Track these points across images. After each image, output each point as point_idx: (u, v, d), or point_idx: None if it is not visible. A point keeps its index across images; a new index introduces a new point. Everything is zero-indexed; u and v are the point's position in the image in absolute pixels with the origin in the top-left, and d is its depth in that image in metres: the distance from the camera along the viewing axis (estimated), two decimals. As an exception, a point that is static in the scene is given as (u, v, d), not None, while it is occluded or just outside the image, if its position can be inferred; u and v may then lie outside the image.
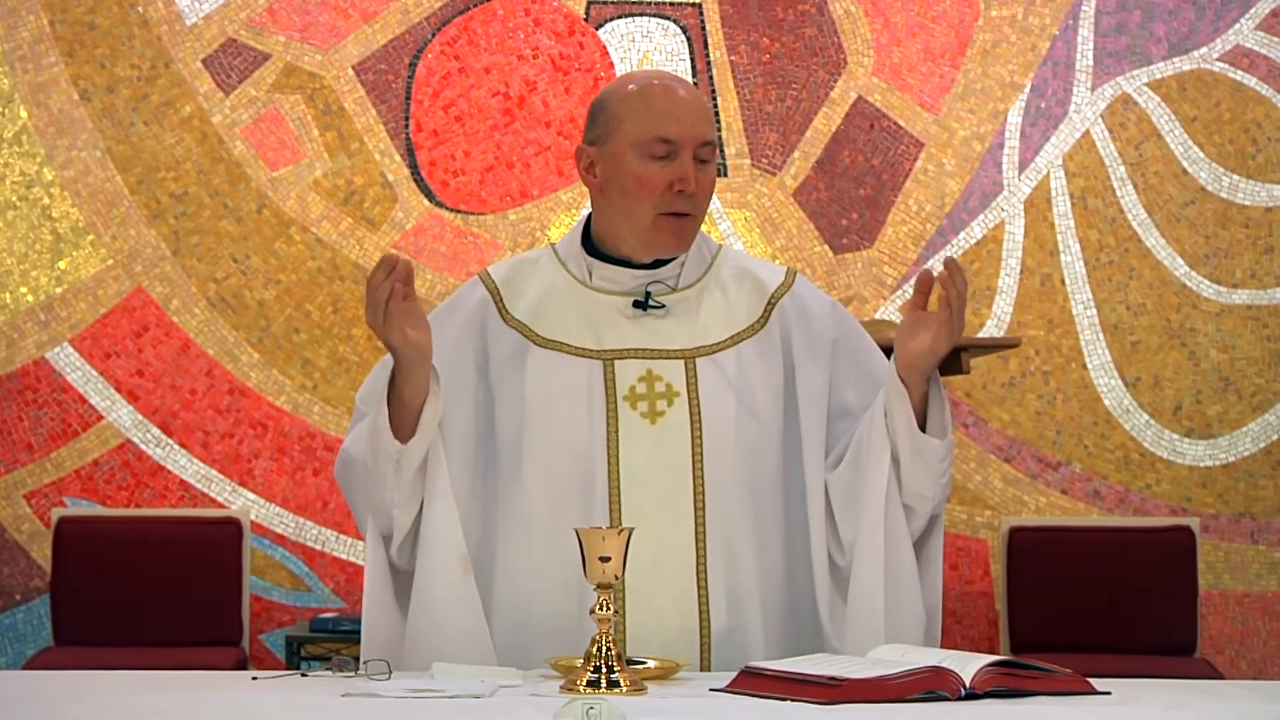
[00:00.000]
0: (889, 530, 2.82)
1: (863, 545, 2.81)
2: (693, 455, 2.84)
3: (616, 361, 2.87)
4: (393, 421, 2.79)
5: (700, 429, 2.84)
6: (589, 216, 2.97)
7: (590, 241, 2.94)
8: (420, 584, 2.80)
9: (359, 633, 5.90)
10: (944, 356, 2.79)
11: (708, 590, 2.81)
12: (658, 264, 2.91)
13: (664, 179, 2.84)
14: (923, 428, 2.81)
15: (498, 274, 2.97)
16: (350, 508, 2.96)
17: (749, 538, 2.84)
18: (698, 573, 2.82)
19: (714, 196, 6.44)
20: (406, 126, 6.13)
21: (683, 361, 2.88)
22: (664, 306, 2.90)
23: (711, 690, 2.45)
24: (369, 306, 2.73)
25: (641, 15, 6.21)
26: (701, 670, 2.77)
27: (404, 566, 2.86)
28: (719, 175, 6.12)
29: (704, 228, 2.99)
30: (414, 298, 2.76)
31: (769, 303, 2.93)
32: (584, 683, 2.43)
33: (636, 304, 2.89)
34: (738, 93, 6.19)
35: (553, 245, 3.01)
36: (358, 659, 2.58)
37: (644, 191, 2.84)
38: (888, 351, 4.82)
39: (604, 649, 2.45)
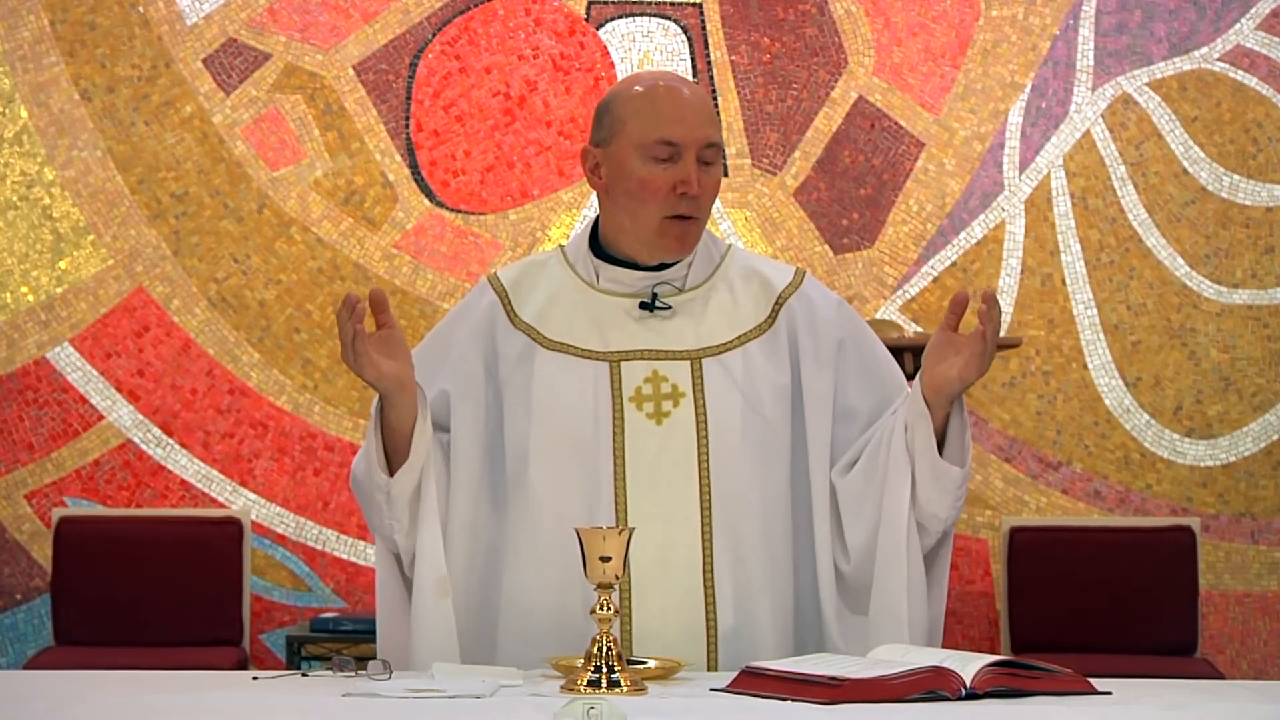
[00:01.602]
0: (907, 547, 2.81)
1: (886, 562, 2.80)
2: (698, 455, 2.84)
3: (623, 363, 2.87)
4: (388, 446, 2.81)
5: (706, 429, 2.85)
6: (597, 218, 2.97)
7: (598, 243, 2.95)
8: (413, 604, 2.84)
9: (360, 633, 5.94)
10: (971, 385, 2.78)
11: (714, 589, 2.82)
12: (664, 265, 2.91)
13: (667, 182, 2.83)
14: (941, 448, 2.80)
15: (506, 277, 2.98)
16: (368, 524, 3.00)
17: (755, 537, 2.84)
18: (704, 572, 2.82)
19: (714, 196, 6.38)
20: (407, 126, 6.13)
21: (689, 362, 2.88)
22: (670, 308, 2.90)
23: (712, 690, 2.45)
24: (341, 346, 2.76)
25: (642, 15, 6.21)
26: (708, 669, 2.78)
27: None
28: (719, 175, 6.11)
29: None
30: (390, 325, 2.78)
31: (776, 303, 2.93)
32: (584, 683, 2.43)
33: (643, 305, 2.90)
34: (738, 93, 6.19)
35: (562, 247, 3.01)
36: (358, 659, 2.58)
37: (647, 194, 2.84)
38: (891, 351, 4.82)
39: (604, 649, 2.45)
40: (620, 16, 6.21)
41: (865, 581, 2.83)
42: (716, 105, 6.16)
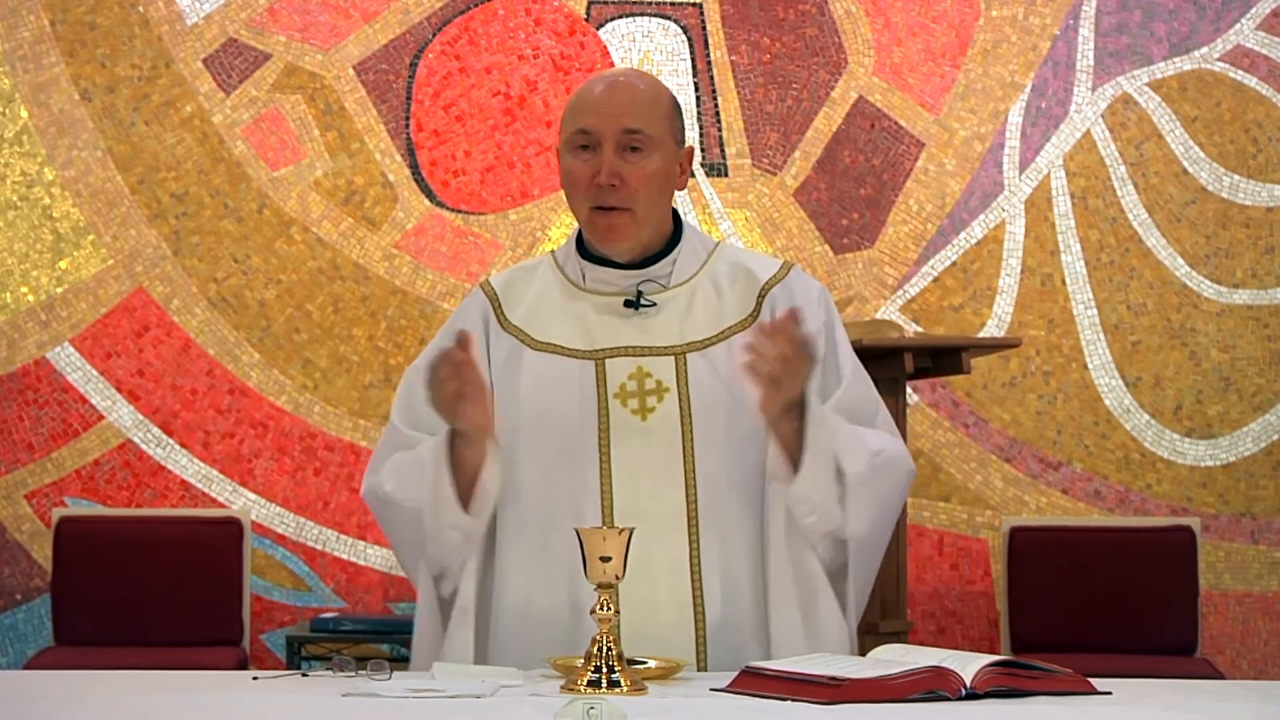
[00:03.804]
0: (791, 554, 2.82)
1: (774, 586, 2.83)
2: (683, 449, 2.85)
3: (607, 360, 2.89)
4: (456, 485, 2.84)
5: (690, 423, 2.86)
6: None
7: (585, 244, 2.96)
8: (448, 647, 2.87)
9: (360, 633, 5.94)
10: (781, 406, 2.74)
11: (701, 583, 2.83)
12: (648, 263, 2.93)
13: (587, 173, 2.87)
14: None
15: (497, 282, 3.02)
16: (389, 538, 3.00)
17: (743, 529, 2.85)
18: (691, 566, 2.83)
19: (715, 196, 6.42)
20: (407, 126, 6.13)
21: (673, 357, 2.89)
22: (655, 305, 2.91)
23: (712, 690, 2.45)
24: (433, 398, 2.74)
25: (642, 15, 6.21)
26: (697, 663, 2.79)
27: (449, 599, 2.91)
28: (720, 175, 6.11)
29: (704, 228, 3.00)
30: (471, 364, 2.76)
31: (760, 294, 2.94)
32: (585, 682, 2.43)
33: (628, 303, 2.91)
34: (738, 92, 6.19)
35: (553, 252, 3.04)
36: (358, 659, 2.58)
37: (572, 186, 2.90)
38: (885, 351, 4.82)
39: (604, 649, 2.45)
40: (620, 16, 6.21)
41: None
42: (716, 105, 6.16)
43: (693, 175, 6.04)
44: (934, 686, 2.33)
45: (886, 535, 2.93)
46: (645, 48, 6.20)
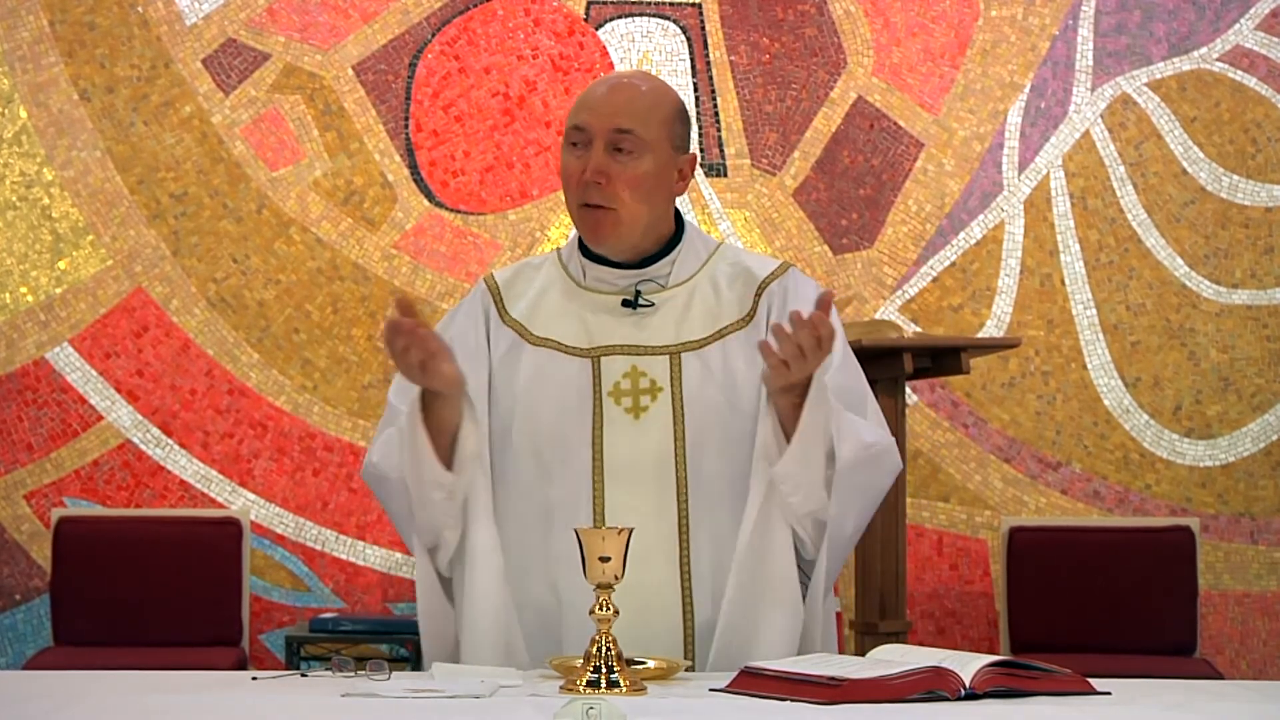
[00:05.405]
0: (761, 543, 2.81)
1: (735, 557, 2.82)
2: (675, 449, 2.87)
3: (603, 358, 2.92)
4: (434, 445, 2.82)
5: (683, 423, 2.87)
6: None
7: (585, 243, 2.98)
8: (469, 597, 2.82)
9: (359, 633, 5.94)
10: (782, 386, 2.74)
11: (691, 583, 2.84)
12: (648, 263, 2.94)
13: (578, 169, 2.89)
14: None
15: (501, 276, 3.05)
16: (388, 515, 3.00)
17: (733, 528, 2.85)
18: (681, 566, 2.84)
19: (714, 196, 6.42)
20: (406, 126, 6.13)
21: (667, 357, 2.91)
22: (653, 304, 2.92)
23: (711, 690, 2.45)
24: (402, 369, 2.74)
25: (641, 15, 6.21)
26: (685, 658, 2.79)
27: (448, 575, 2.89)
28: (719, 175, 6.11)
29: (703, 228, 3.01)
30: (425, 325, 2.76)
31: (757, 292, 2.96)
32: (584, 683, 2.43)
33: (626, 303, 2.93)
34: (737, 93, 6.18)
35: (558, 250, 3.06)
36: (357, 659, 2.58)
37: (565, 182, 2.93)
38: (885, 351, 4.83)
39: (604, 649, 2.45)
40: (619, 17, 6.21)
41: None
42: (715, 105, 6.16)
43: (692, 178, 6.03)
44: (933, 687, 2.33)
45: (862, 527, 2.93)
46: (644, 48, 6.20)
